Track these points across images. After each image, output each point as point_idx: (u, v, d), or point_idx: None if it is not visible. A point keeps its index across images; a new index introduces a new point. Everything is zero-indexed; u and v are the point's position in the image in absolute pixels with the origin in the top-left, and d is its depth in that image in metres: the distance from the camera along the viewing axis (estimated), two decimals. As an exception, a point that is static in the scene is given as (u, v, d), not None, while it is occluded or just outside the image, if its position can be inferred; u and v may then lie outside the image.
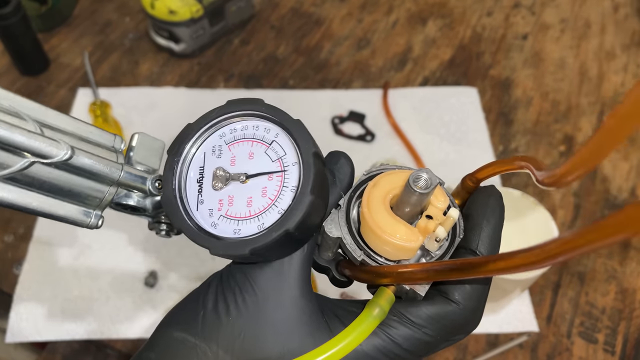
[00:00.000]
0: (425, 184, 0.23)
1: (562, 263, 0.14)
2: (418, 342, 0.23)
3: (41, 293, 0.56)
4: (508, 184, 0.66)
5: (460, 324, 0.23)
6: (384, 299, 0.23)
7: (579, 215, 0.64)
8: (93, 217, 0.28)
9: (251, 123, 0.26)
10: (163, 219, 0.33)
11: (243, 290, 0.24)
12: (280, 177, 0.24)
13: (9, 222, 0.61)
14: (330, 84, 0.77)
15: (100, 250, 0.59)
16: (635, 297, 0.58)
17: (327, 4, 0.88)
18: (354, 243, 0.25)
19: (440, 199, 0.24)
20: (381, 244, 0.24)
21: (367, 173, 0.26)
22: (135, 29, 0.82)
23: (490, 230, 0.24)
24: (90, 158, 0.26)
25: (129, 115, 0.71)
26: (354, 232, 0.25)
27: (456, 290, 0.23)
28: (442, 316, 0.23)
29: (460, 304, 0.23)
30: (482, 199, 0.25)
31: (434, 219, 0.23)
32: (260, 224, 0.23)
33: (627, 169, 0.69)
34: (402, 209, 0.24)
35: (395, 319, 0.23)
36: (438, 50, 0.82)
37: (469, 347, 0.54)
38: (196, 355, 0.24)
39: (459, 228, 0.25)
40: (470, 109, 0.74)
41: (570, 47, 0.83)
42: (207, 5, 0.75)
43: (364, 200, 0.24)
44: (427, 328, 0.23)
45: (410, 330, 0.23)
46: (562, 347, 0.55)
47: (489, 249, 0.24)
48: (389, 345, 0.23)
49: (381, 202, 0.24)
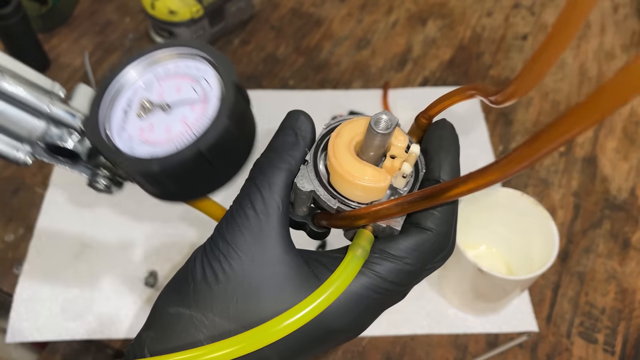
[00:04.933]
0: (386, 124, 0.24)
1: (530, 165, 0.16)
2: (402, 273, 0.25)
3: (41, 293, 0.56)
4: (508, 184, 0.67)
5: (436, 249, 0.25)
6: (364, 240, 0.25)
7: (578, 215, 0.64)
8: (21, 151, 0.29)
9: (184, 63, 0.28)
10: (101, 173, 0.33)
11: (228, 256, 0.25)
12: (201, 107, 0.26)
13: (9, 221, 0.61)
14: (330, 84, 0.77)
15: (101, 250, 0.59)
16: (635, 297, 0.58)
17: (327, 5, 0.88)
18: (327, 193, 0.26)
19: (400, 139, 0.26)
20: (352, 189, 0.25)
21: (327, 126, 0.28)
22: (135, 29, 0.82)
23: (450, 158, 0.26)
24: (18, 84, 0.27)
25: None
26: (325, 184, 0.26)
27: (427, 219, 0.25)
28: (420, 244, 0.25)
29: (433, 230, 0.25)
30: (437, 132, 0.27)
31: (398, 158, 0.25)
32: (175, 147, 0.24)
33: (626, 169, 0.69)
34: (367, 153, 0.25)
35: (377, 256, 0.25)
36: (438, 50, 0.82)
37: (469, 347, 0.54)
38: (194, 326, 0.24)
39: (420, 163, 0.27)
40: (470, 109, 0.74)
41: (570, 47, 0.83)
42: (207, 6, 0.75)
43: (330, 151, 0.25)
44: (408, 258, 0.25)
45: (393, 264, 0.25)
46: (562, 347, 0.55)
47: (450, 176, 0.26)
48: (375, 281, 0.25)
49: (346, 150, 0.25)
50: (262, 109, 0.73)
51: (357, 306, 0.25)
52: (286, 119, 0.28)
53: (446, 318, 0.56)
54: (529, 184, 0.67)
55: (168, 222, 0.62)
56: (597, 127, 0.73)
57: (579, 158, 0.70)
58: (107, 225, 0.61)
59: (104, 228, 0.61)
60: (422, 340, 0.55)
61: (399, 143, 0.25)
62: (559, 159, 0.70)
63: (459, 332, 0.55)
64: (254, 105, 0.29)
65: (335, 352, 0.54)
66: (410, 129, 0.29)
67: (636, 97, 0.16)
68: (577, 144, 0.71)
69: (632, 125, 0.74)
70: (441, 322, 0.56)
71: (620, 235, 0.63)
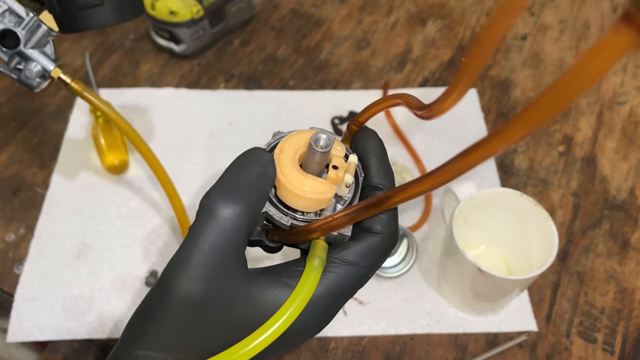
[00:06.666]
0: (325, 142, 0.26)
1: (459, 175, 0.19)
2: (357, 276, 0.27)
3: (42, 292, 0.56)
4: (507, 185, 0.67)
5: (386, 250, 0.27)
6: (320, 249, 0.26)
7: (577, 215, 0.65)
8: None
9: None
10: (32, 67, 0.35)
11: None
12: None
13: (10, 221, 0.62)
14: (330, 84, 0.77)
15: (101, 250, 0.60)
16: (635, 297, 0.59)
17: (327, 5, 0.88)
18: (278, 212, 0.27)
19: (339, 149, 0.28)
20: (300, 201, 0.27)
21: (269, 145, 0.29)
22: (135, 30, 0.83)
23: (382, 164, 0.29)
24: None
25: (130, 116, 0.71)
26: (275, 203, 0.28)
27: (377, 223, 0.27)
28: (372, 247, 0.27)
29: (383, 233, 0.27)
30: (364, 139, 0.29)
31: (340, 168, 0.27)
32: None
33: (626, 169, 0.69)
34: (311, 167, 0.27)
35: (333, 263, 0.26)
36: (438, 50, 0.82)
37: (468, 347, 0.55)
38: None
39: (359, 169, 0.29)
40: (469, 109, 0.74)
41: (570, 47, 0.83)
42: (207, 6, 0.75)
43: (277, 168, 0.27)
44: (363, 262, 0.27)
45: (349, 268, 0.26)
46: (561, 347, 0.55)
47: (386, 180, 0.28)
48: (333, 287, 0.26)
49: (292, 165, 0.27)
50: (262, 109, 0.73)
51: (317, 310, 0.26)
52: (250, 155, 0.27)
53: (446, 318, 0.56)
54: (529, 184, 0.67)
55: (169, 222, 0.62)
56: (596, 127, 0.73)
57: (579, 158, 0.70)
58: (107, 225, 0.62)
59: (104, 227, 0.61)
60: (422, 339, 0.55)
61: (338, 154, 0.28)
62: (559, 159, 0.70)
63: (459, 331, 0.55)
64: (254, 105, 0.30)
65: (335, 352, 0.54)
66: (344, 136, 0.31)
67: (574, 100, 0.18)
68: (577, 144, 0.71)
69: (631, 126, 0.74)
70: (441, 321, 0.56)
71: (620, 235, 0.63)
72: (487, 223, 0.56)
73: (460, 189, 0.55)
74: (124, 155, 0.64)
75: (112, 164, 0.63)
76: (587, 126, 0.74)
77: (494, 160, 0.69)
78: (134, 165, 0.66)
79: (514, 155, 0.70)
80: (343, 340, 0.55)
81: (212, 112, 0.72)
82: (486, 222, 0.56)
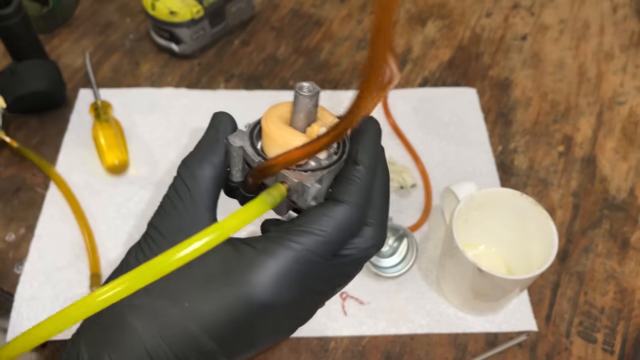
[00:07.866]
0: (308, 89, 0.28)
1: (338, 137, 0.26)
2: (321, 243, 0.27)
3: (42, 292, 0.56)
4: (507, 185, 0.67)
5: (353, 220, 0.28)
6: (277, 191, 0.28)
7: (577, 215, 0.65)
8: None
9: None
10: None
11: (157, 241, 0.28)
12: None
13: (11, 221, 0.62)
14: (330, 84, 0.77)
15: (101, 250, 0.60)
16: (634, 296, 0.59)
17: (327, 5, 0.88)
18: (253, 151, 0.30)
19: (326, 115, 0.30)
20: (268, 140, 0.29)
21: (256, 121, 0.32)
22: (136, 30, 0.83)
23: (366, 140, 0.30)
24: None
25: (130, 116, 0.71)
26: (255, 146, 0.30)
27: (343, 193, 0.28)
28: (335, 215, 0.27)
29: (348, 202, 0.27)
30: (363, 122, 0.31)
31: (318, 125, 0.29)
32: None
33: (626, 169, 0.69)
34: (296, 122, 0.30)
35: (296, 229, 0.27)
36: (437, 51, 0.82)
37: (468, 346, 0.55)
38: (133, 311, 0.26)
39: (347, 145, 0.30)
40: (469, 109, 0.74)
41: (569, 47, 0.84)
42: (207, 6, 0.75)
43: (263, 118, 0.30)
44: (326, 229, 0.27)
45: (312, 235, 0.27)
46: (561, 347, 0.55)
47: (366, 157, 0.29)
48: (297, 252, 0.26)
49: (278, 118, 0.30)
50: (261, 109, 0.73)
51: (283, 278, 0.26)
52: (210, 120, 0.32)
53: (446, 317, 0.56)
54: (528, 184, 0.67)
55: (168, 222, 0.62)
56: (596, 127, 0.73)
57: (578, 158, 0.70)
58: (108, 225, 0.62)
59: (104, 227, 0.61)
60: (422, 339, 0.55)
61: (324, 118, 0.30)
62: (558, 159, 0.70)
63: (459, 331, 0.55)
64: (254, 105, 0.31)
65: (335, 352, 0.54)
66: None
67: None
68: (577, 144, 0.72)
69: (631, 126, 0.74)
70: (441, 321, 0.56)
71: (620, 235, 0.63)
72: (487, 223, 0.56)
73: (460, 189, 0.55)
74: (124, 155, 0.64)
75: (112, 164, 0.63)
76: (587, 126, 0.74)
77: (494, 160, 0.69)
78: (134, 165, 0.66)
79: (514, 155, 0.70)
80: (343, 340, 0.55)
81: (212, 112, 0.72)
82: (486, 222, 0.56)
